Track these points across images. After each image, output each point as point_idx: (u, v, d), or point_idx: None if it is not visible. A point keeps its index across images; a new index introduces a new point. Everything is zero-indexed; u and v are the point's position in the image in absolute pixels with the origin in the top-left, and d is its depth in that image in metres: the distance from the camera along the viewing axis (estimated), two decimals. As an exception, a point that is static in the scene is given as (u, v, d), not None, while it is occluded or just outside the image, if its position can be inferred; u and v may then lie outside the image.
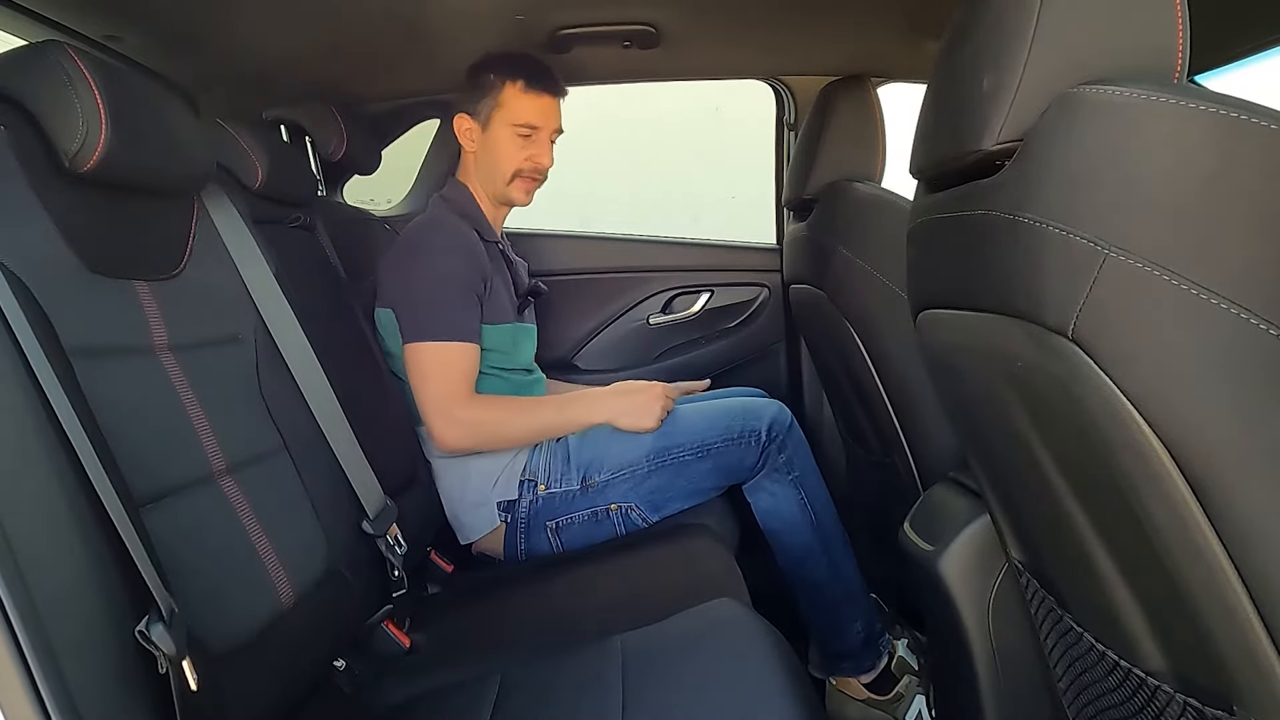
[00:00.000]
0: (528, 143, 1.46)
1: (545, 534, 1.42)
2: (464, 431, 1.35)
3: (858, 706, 1.44)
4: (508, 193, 1.49)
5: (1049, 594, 0.85)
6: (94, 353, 0.76)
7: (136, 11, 1.20)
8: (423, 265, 1.37)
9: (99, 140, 0.78)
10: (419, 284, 1.36)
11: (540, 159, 1.47)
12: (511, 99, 1.44)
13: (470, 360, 1.36)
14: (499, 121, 1.45)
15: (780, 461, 1.42)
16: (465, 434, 1.36)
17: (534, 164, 1.47)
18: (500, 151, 1.46)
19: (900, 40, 1.57)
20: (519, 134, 1.45)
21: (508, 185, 1.48)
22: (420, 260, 1.38)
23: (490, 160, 1.47)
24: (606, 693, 0.89)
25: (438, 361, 1.34)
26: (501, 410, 1.40)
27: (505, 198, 1.51)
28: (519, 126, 1.45)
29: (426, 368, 1.34)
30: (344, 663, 1.02)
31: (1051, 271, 0.59)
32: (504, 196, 1.50)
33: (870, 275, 1.34)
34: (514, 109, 1.44)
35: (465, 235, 1.42)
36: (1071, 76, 0.60)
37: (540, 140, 1.47)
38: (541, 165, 1.48)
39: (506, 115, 1.45)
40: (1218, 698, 0.62)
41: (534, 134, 1.46)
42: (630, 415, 1.40)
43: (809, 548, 1.42)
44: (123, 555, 0.66)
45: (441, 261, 1.37)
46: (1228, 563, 0.56)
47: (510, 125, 1.45)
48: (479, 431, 1.37)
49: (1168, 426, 0.55)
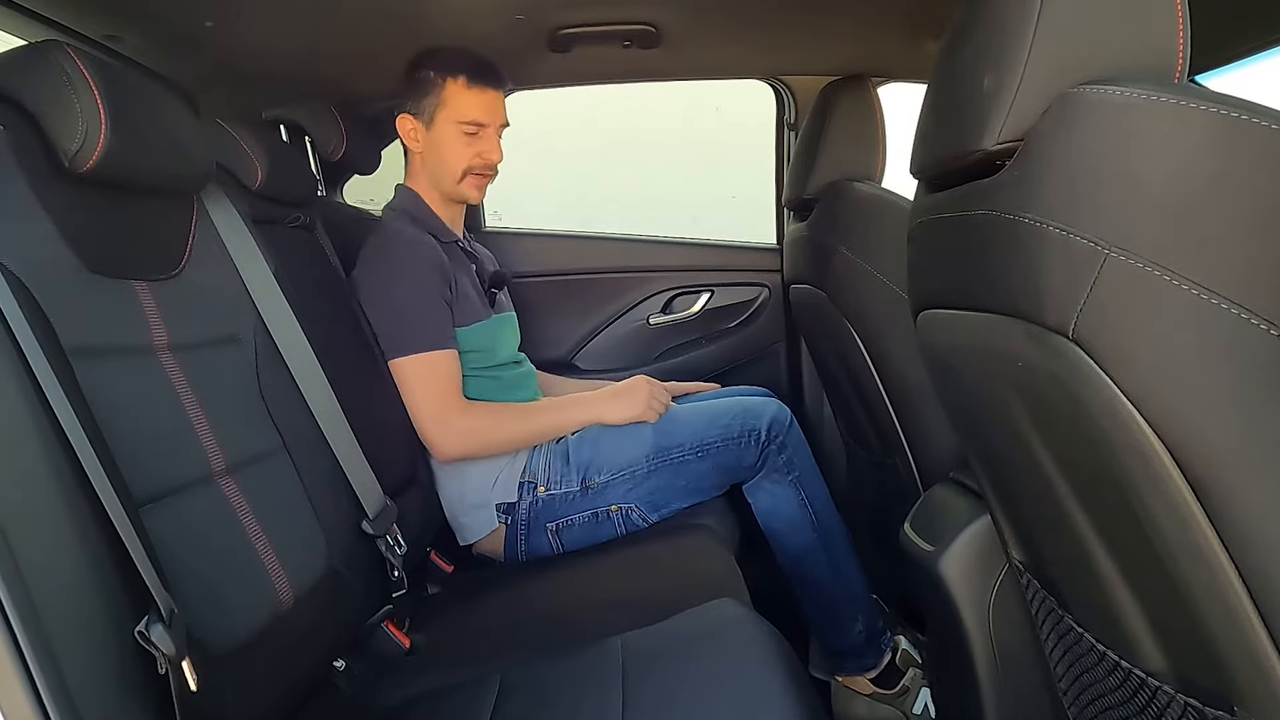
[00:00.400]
0: (475, 139, 1.44)
1: (545, 535, 1.42)
2: (460, 441, 1.36)
3: (865, 702, 1.44)
4: (459, 191, 1.47)
5: (1049, 594, 0.85)
6: (93, 353, 0.76)
7: (136, 11, 1.19)
8: (385, 284, 1.37)
9: (99, 140, 0.78)
10: (386, 303, 1.37)
11: (489, 155, 1.45)
12: (455, 96, 1.42)
13: (449, 364, 1.37)
14: (444, 120, 1.43)
15: (780, 462, 1.42)
16: (462, 443, 1.37)
17: (483, 160, 1.45)
18: (447, 150, 1.44)
19: (901, 40, 1.57)
20: (465, 131, 1.43)
21: (458, 184, 1.46)
22: (382, 280, 1.38)
23: (438, 159, 1.45)
24: (606, 693, 0.89)
25: (419, 373, 1.35)
26: (496, 416, 1.41)
27: (457, 195, 1.49)
28: (465, 124, 1.42)
29: (411, 382, 1.35)
30: (344, 663, 1.02)
31: (1052, 271, 0.59)
32: (455, 195, 1.48)
33: (871, 275, 1.34)
34: (458, 106, 1.42)
35: (420, 244, 1.41)
36: (1072, 76, 0.60)
37: (487, 136, 1.45)
38: (491, 161, 1.46)
39: (451, 113, 1.42)
40: (1218, 698, 0.62)
41: (480, 130, 1.44)
42: (620, 409, 1.42)
43: (809, 547, 1.42)
44: (122, 556, 0.66)
45: (401, 277, 1.37)
46: (1228, 563, 0.56)
47: (455, 123, 1.42)
48: (475, 439, 1.38)
49: (1168, 427, 0.55)
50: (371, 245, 1.43)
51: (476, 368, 1.44)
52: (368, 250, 1.43)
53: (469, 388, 1.41)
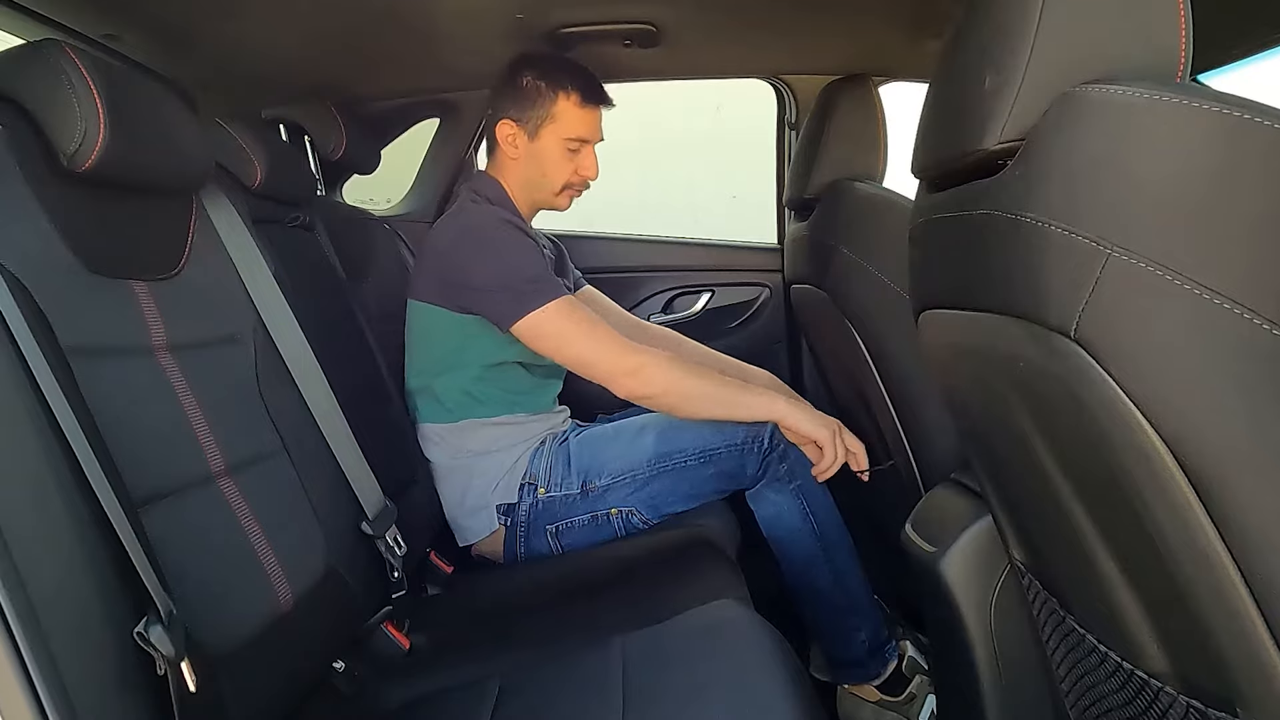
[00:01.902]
0: (576, 155, 1.43)
1: (545, 537, 1.41)
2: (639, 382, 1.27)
3: (871, 709, 1.43)
4: (553, 201, 1.47)
5: (1051, 595, 0.84)
6: (92, 353, 0.76)
7: (135, 10, 1.19)
8: (494, 253, 1.33)
9: (97, 139, 0.78)
10: (500, 269, 1.31)
11: (588, 171, 1.45)
12: (566, 112, 1.40)
13: (580, 307, 1.31)
14: (550, 134, 1.41)
15: (781, 471, 1.41)
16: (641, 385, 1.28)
17: (582, 176, 1.45)
18: (549, 163, 1.43)
19: (902, 39, 1.56)
20: (569, 147, 1.42)
21: (555, 196, 1.46)
22: (489, 249, 1.33)
23: (537, 171, 1.44)
24: (607, 695, 0.89)
25: (563, 321, 1.29)
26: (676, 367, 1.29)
27: (549, 205, 1.48)
28: (570, 140, 1.41)
29: (557, 332, 1.29)
30: (343, 664, 1.02)
31: (1054, 271, 0.58)
32: (548, 205, 1.48)
33: (872, 275, 1.34)
34: (568, 123, 1.40)
35: (513, 223, 1.37)
36: (1074, 75, 0.60)
37: (587, 152, 1.45)
38: (589, 178, 1.46)
39: (559, 129, 1.41)
40: (1221, 700, 0.62)
41: (583, 147, 1.44)
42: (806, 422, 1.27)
43: (812, 556, 1.41)
44: (121, 556, 0.66)
45: (511, 247, 1.33)
46: (1231, 565, 0.56)
47: (562, 139, 1.41)
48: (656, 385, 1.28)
49: (1170, 427, 0.55)
50: (466, 221, 1.37)
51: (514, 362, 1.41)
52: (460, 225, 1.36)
53: (498, 374, 1.39)
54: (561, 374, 1.56)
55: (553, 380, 1.55)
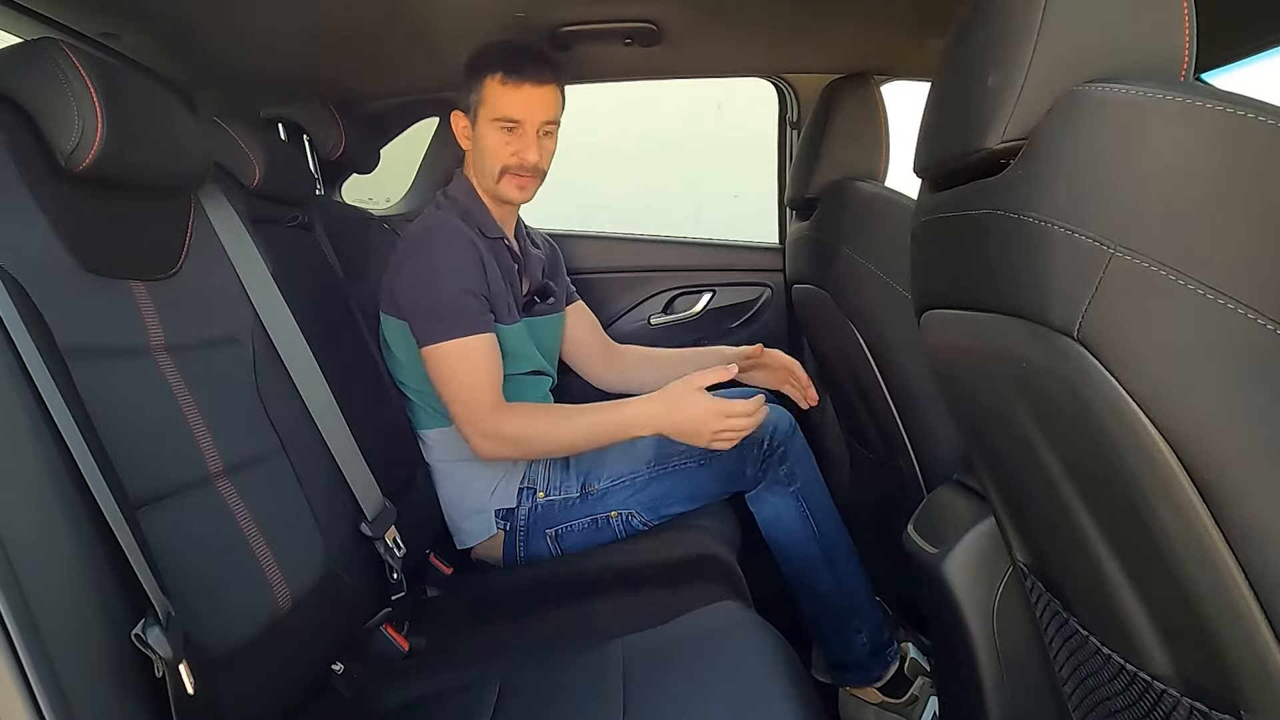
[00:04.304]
0: (512, 138, 1.38)
1: (544, 541, 1.41)
2: (497, 446, 1.30)
3: (873, 711, 1.43)
4: (499, 190, 1.41)
5: (1054, 597, 0.84)
6: (90, 353, 0.76)
7: (133, 9, 1.19)
8: (424, 270, 1.33)
9: (95, 139, 0.77)
10: (424, 289, 1.33)
11: (524, 154, 1.37)
12: (491, 92, 1.37)
13: (488, 352, 1.31)
14: (483, 118, 1.38)
15: (781, 473, 1.40)
16: (499, 448, 1.31)
17: (519, 160, 1.38)
18: (486, 149, 1.39)
19: (904, 38, 1.56)
20: (501, 129, 1.37)
21: (497, 183, 1.40)
22: (421, 265, 1.34)
23: (480, 158, 1.41)
24: (607, 697, 0.89)
25: (455, 362, 1.30)
26: (537, 423, 1.33)
27: (499, 195, 1.43)
28: (499, 121, 1.37)
29: (446, 372, 1.30)
30: (342, 666, 1.02)
31: (1057, 271, 0.58)
32: (497, 194, 1.43)
33: (874, 275, 1.33)
34: (493, 103, 1.37)
35: (461, 237, 1.36)
36: (1077, 74, 0.60)
37: (524, 134, 1.37)
38: (526, 161, 1.37)
39: (488, 110, 1.38)
40: (1225, 702, 0.61)
41: (517, 127, 1.38)
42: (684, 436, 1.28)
43: (811, 558, 1.41)
44: (119, 558, 0.65)
45: (441, 265, 1.33)
46: (1235, 565, 0.55)
47: (491, 121, 1.38)
48: (514, 447, 1.32)
49: (1174, 427, 0.55)
50: (415, 229, 1.39)
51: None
52: (410, 234, 1.39)
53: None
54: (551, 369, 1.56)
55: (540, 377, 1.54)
